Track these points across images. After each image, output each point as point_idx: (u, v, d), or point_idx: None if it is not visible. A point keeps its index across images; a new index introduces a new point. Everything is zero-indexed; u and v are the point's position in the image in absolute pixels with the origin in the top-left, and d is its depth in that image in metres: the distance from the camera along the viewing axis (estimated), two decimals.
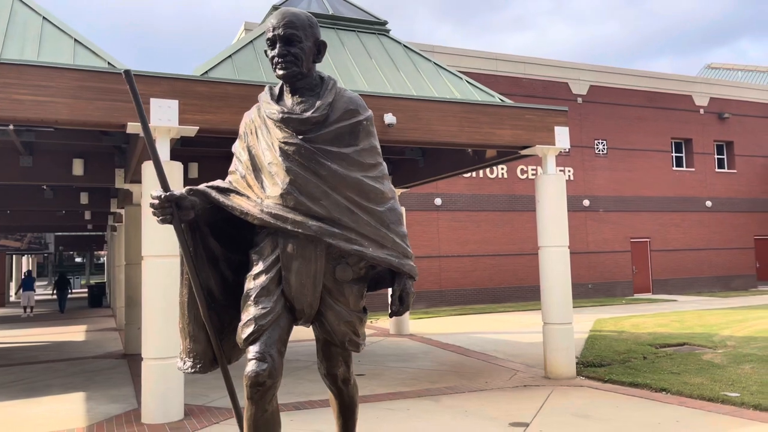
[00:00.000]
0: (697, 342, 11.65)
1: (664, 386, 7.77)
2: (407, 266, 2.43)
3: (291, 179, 2.29)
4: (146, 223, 7.04)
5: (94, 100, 6.72)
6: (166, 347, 6.84)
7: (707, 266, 25.70)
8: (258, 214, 2.28)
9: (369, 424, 6.20)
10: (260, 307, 2.23)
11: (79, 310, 26.10)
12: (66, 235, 34.06)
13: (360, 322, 2.42)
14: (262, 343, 2.16)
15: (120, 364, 10.89)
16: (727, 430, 5.86)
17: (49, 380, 9.51)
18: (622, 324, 14.79)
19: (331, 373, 2.48)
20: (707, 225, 25.81)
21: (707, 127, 26.13)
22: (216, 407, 7.36)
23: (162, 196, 2.26)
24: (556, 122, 9.12)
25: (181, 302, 2.41)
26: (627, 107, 24.49)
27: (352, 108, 2.45)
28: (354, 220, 2.33)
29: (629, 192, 24.35)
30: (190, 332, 2.38)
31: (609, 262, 23.73)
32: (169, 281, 6.91)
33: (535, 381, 8.57)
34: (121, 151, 11.78)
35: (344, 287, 2.37)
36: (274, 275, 2.30)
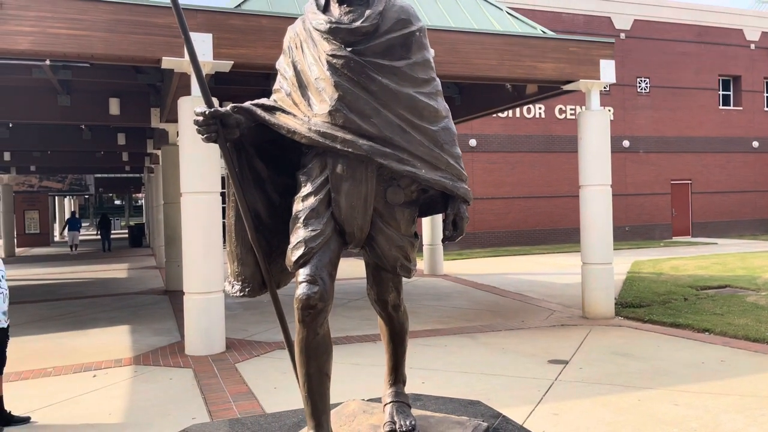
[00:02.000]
0: (740, 284, 11.40)
1: (707, 327, 7.64)
2: (461, 189, 2.31)
3: (340, 95, 2.18)
4: (184, 161, 7.04)
5: (128, 33, 6.63)
6: (207, 282, 6.95)
7: (750, 208, 24.96)
8: (306, 132, 2.19)
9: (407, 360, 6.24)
10: (310, 229, 2.16)
11: (121, 249, 26.85)
12: (105, 177, 34.69)
13: (411, 247, 2.34)
14: (312, 266, 2.10)
15: (162, 300, 11.19)
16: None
17: (95, 314, 9.83)
18: (660, 266, 14.55)
19: (382, 299, 2.42)
20: (752, 166, 24.91)
21: (758, 63, 24.87)
22: (256, 341, 7.51)
23: (206, 112, 2.17)
24: (602, 55, 8.71)
25: (228, 225, 2.35)
26: (672, 42, 23.38)
27: (404, 17, 2.29)
28: (406, 140, 2.22)
29: (672, 132, 23.53)
30: (238, 255, 2.34)
31: (648, 204, 23.20)
32: (208, 218, 6.96)
33: (573, 321, 8.52)
34: (156, 90, 11.75)
35: (395, 210, 2.28)
36: (324, 197, 2.22)
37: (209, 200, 6.98)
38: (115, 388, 5.70)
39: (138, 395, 5.49)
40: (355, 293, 11.13)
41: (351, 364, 6.29)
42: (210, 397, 5.28)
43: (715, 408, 4.73)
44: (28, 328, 8.75)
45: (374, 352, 6.72)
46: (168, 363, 6.57)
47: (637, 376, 5.69)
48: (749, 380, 5.45)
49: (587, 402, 4.96)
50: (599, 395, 5.13)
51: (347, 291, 11.45)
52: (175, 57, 6.80)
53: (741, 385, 5.31)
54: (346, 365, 6.20)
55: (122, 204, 66.70)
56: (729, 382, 5.40)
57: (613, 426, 4.41)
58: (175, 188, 11.54)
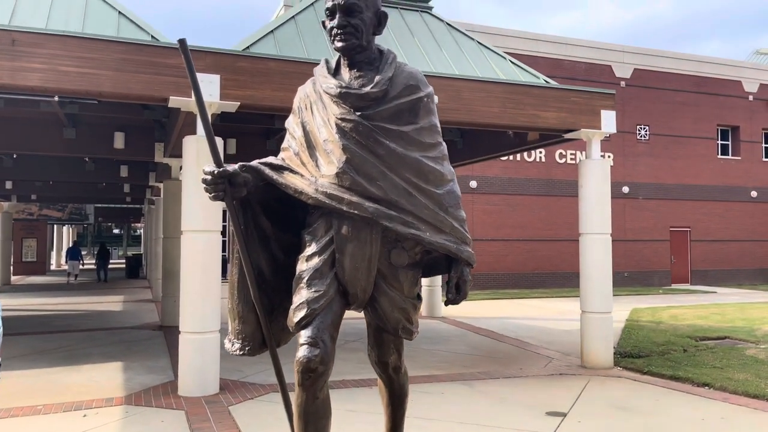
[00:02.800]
0: (739, 336, 11.31)
1: (707, 381, 7.55)
2: (465, 253, 2.32)
3: (347, 158, 2.19)
4: (186, 198, 7.06)
5: (137, 72, 6.71)
6: (203, 321, 6.89)
7: (749, 258, 24.96)
8: (312, 193, 2.20)
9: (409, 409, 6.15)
10: (313, 290, 2.16)
11: (118, 280, 26.69)
12: (105, 207, 34.77)
13: (414, 309, 2.33)
14: (314, 328, 2.08)
15: (156, 336, 11.08)
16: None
17: (88, 348, 9.71)
18: (660, 314, 14.46)
19: (382, 361, 2.39)
20: (752, 215, 25.01)
21: (756, 114, 25.20)
22: (250, 383, 7.41)
23: (215, 172, 2.19)
24: (603, 105, 8.83)
25: (231, 282, 2.34)
26: (672, 92, 23.74)
27: (412, 83, 2.33)
28: (412, 203, 2.23)
29: (671, 180, 23.70)
30: (239, 313, 2.32)
31: (647, 250, 23.21)
32: (208, 256, 6.94)
33: (571, 370, 8.42)
34: (161, 126, 11.85)
35: (399, 272, 2.27)
36: (328, 257, 2.22)
37: (209, 239, 6.97)
38: (105, 429, 5.59)
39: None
40: (352, 334, 11.02)
41: (346, 410, 6.19)
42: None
43: None
44: (21, 362, 8.64)
45: (371, 398, 6.62)
46: (160, 404, 6.47)
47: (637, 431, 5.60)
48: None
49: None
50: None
51: (344, 332, 11.35)
52: (182, 97, 6.88)
53: None
54: (341, 411, 6.09)
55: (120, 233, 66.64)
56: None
57: None
58: (176, 223, 11.54)
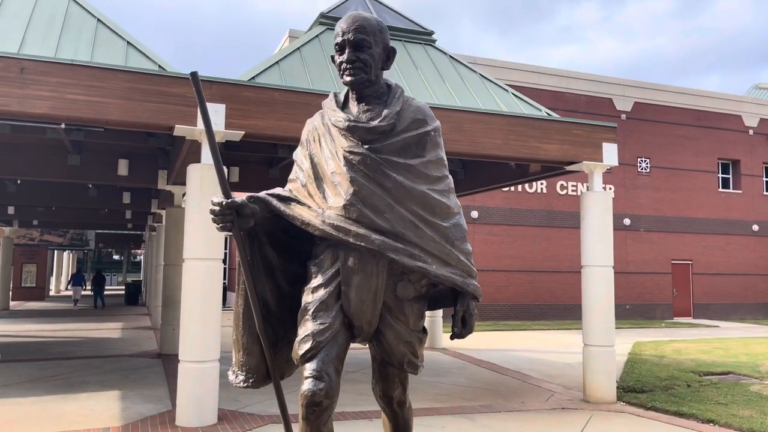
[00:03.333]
0: (743, 371, 11.21)
1: (712, 417, 7.45)
2: (471, 286, 2.32)
3: (355, 190, 2.20)
4: (189, 226, 7.07)
5: (143, 101, 6.79)
6: (202, 350, 6.83)
7: (752, 292, 24.85)
8: (319, 225, 2.20)
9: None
10: (318, 322, 2.15)
11: (116, 307, 26.56)
12: (106, 233, 34.81)
13: (419, 343, 2.32)
14: (319, 361, 2.07)
15: (155, 364, 10.98)
16: None
17: (85, 376, 9.62)
18: (662, 348, 14.35)
19: (387, 395, 2.37)
20: (753, 249, 24.97)
21: (757, 148, 25.35)
22: (249, 413, 7.32)
23: (223, 203, 2.20)
24: (605, 138, 8.89)
25: (236, 313, 2.34)
26: (672, 125, 23.92)
27: (419, 118, 2.36)
28: (418, 235, 2.23)
29: (672, 212, 23.74)
30: (244, 345, 2.30)
31: (649, 283, 23.13)
32: (209, 284, 6.92)
33: (574, 404, 8.32)
34: (165, 153, 11.93)
35: (405, 305, 2.27)
36: (334, 289, 2.22)
37: (211, 267, 6.96)
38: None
39: None
40: (352, 365, 10.92)
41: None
42: None
43: None
44: (17, 389, 8.55)
45: (372, 431, 6.53)
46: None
47: None
48: None
49: None
50: None
51: (345, 362, 11.22)
52: (188, 125, 6.94)
53: None
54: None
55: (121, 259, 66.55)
56: None
57: None
58: (177, 250, 11.53)
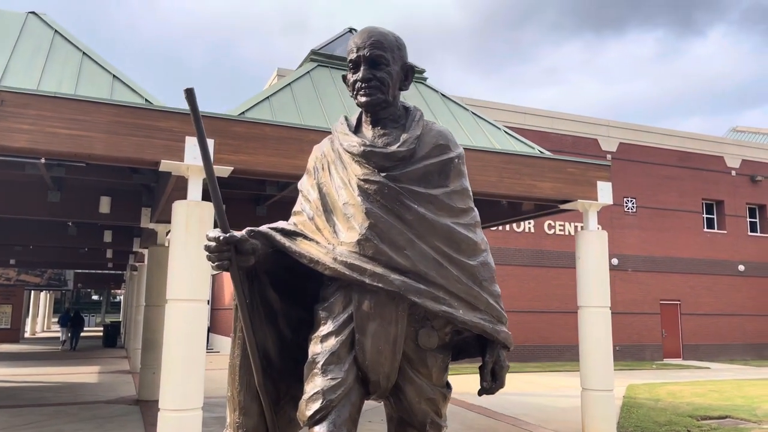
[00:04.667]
0: (740, 415, 10.93)
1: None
2: (502, 334, 2.06)
3: (371, 223, 1.95)
4: (173, 264, 6.75)
5: (128, 135, 6.55)
6: (184, 398, 6.44)
7: (740, 332, 24.72)
8: (330, 263, 1.94)
9: None
10: (329, 377, 1.86)
11: (94, 349, 25.71)
12: (85, 273, 34.00)
13: (443, 400, 2.03)
14: (330, 423, 1.78)
15: (133, 411, 10.44)
16: None
17: (59, 425, 9.08)
18: (657, 392, 14.04)
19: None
20: (740, 289, 24.95)
21: (739, 189, 25.59)
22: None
23: (220, 238, 1.93)
24: (599, 177, 8.78)
25: (232, 365, 2.03)
26: (657, 166, 24.11)
27: (442, 143, 2.12)
28: (443, 275, 1.98)
29: (659, 252, 23.71)
30: (240, 403, 2.00)
31: (637, 323, 22.91)
32: (193, 327, 6.57)
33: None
34: (149, 190, 11.63)
35: (427, 356, 1.99)
36: (346, 338, 1.93)
37: (196, 308, 6.62)
38: None
39: None
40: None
41: None
42: None
43: None
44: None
45: None
46: None
47: None
48: None
49: None
50: None
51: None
52: (174, 160, 6.69)
53: None
54: None
55: (100, 299, 65.14)
56: None
57: None
58: (159, 290, 11.13)
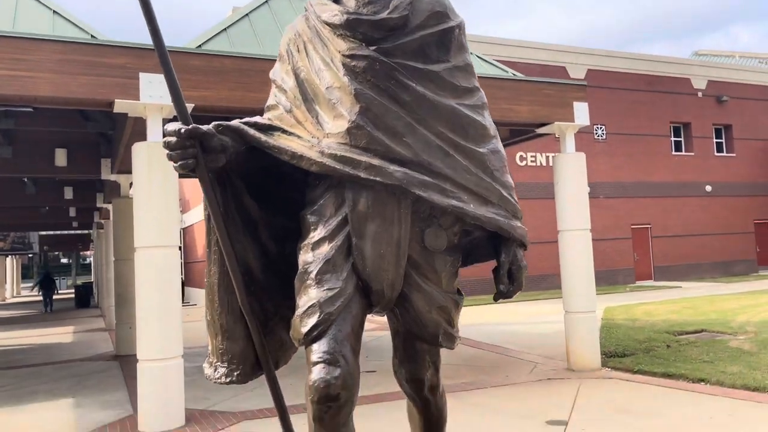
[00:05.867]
0: (716, 329, 11.18)
1: (702, 376, 7.24)
2: (519, 230, 1.79)
3: (362, 107, 1.63)
4: (138, 212, 6.38)
5: (77, 75, 6.05)
6: (162, 347, 6.20)
7: (708, 251, 25.34)
8: (316, 157, 1.62)
9: (392, 427, 5.61)
10: (325, 288, 1.57)
11: (66, 311, 25.25)
12: (50, 235, 33.12)
13: (456, 308, 1.79)
14: (330, 340, 1.50)
15: (111, 367, 10.21)
16: None
17: (34, 386, 8.82)
18: (633, 312, 14.32)
19: (416, 378, 1.84)
20: (707, 210, 25.43)
21: (706, 111, 25.73)
22: (219, 411, 6.73)
23: (182, 131, 1.62)
24: (576, 97, 8.56)
25: (210, 284, 1.72)
26: (625, 91, 24.00)
27: (439, 10, 1.78)
28: (449, 165, 1.68)
29: (629, 178, 23.89)
30: (222, 326, 1.70)
31: (610, 249, 23.26)
32: (165, 274, 6.26)
33: (559, 374, 8.02)
34: (107, 140, 11.07)
35: (436, 260, 1.71)
36: (341, 243, 1.64)
37: (166, 255, 6.30)
38: None
39: None
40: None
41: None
42: None
43: None
44: None
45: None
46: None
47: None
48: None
49: None
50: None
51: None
52: (129, 99, 6.22)
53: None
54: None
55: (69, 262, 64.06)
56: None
57: None
58: (127, 244, 10.73)
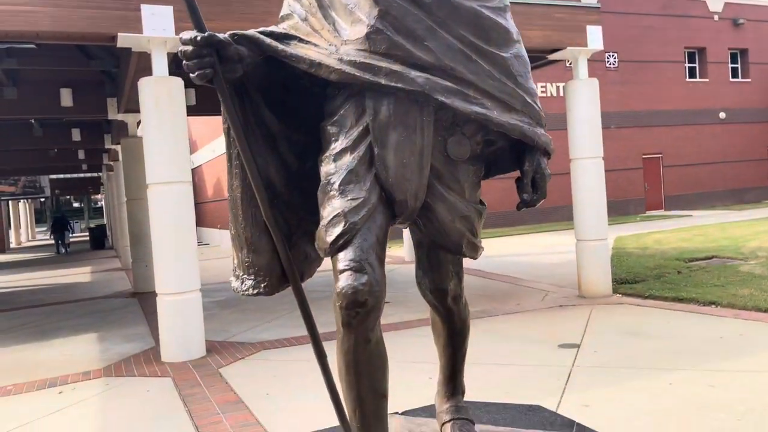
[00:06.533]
0: (727, 254, 11.21)
1: (713, 299, 7.31)
2: (542, 137, 1.77)
3: (380, 11, 1.58)
4: (149, 147, 6.36)
5: (78, 8, 5.92)
6: (180, 281, 6.31)
7: (720, 179, 25.13)
8: (335, 65, 1.58)
9: (410, 353, 5.75)
10: (349, 198, 1.57)
11: (82, 252, 25.68)
12: (61, 178, 33.27)
13: (479, 218, 1.79)
14: (356, 248, 1.52)
15: (131, 303, 10.45)
16: None
17: (58, 322, 9.06)
18: (644, 240, 14.35)
19: (440, 288, 1.88)
20: (720, 137, 25.06)
21: (721, 35, 24.95)
22: (239, 342, 6.91)
23: (198, 38, 1.59)
24: (589, 21, 8.30)
25: (233, 198, 1.72)
26: (638, 16, 23.24)
27: None
28: (472, 71, 1.64)
29: (641, 106, 23.45)
30: (248, 239, 1.71)
31: (621, 179, 23.11)
32: (179, 209, 6.30)
33: (570, 301, 8.13)
34: (111, 78, 10.93)
35: (459, 169, 1.72)
36: (364, 153, 1.62)
37: (179, 191, 6.32)
38: (85, 405, 5.05)
39: (112, 412, 4.86)
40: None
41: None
42: (195, 410, 4.68)
43: (758, 389, 4.33)
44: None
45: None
46: (143, 372, 5.93)
47: (658, 356, 5.29)
48: None
49: (615, 389, 4.53)
50: (626, 381, 4.70)
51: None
52: (132, 32, 6.10)
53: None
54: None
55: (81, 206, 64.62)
56: (759, 359, 5.03)
57: (654, 416, 3.97)
58: (139, 183, 10.77)
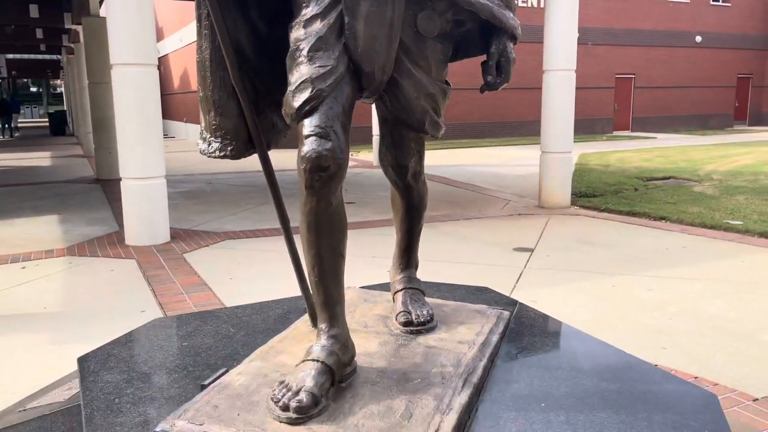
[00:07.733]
0: (684, 176, 11.61)
1: (663, 215, 7.65)
2: (511, 20, 1.80)
3: None
4: (113, 27, 6.12)
5: None
6: (145, 166, 6.28)
7: (687, 104, 25.44)
8: None
9: (370, 249, 5.94)
10: (317, 64, 1.56)
11: (41, 137, 24.96)
12: (18, 59, 31.73)
13: (443, 97, 1.84)
14: (322, 115, 1.52)
15: (94, 189, 10.36)
16: (737, 256, 5.76)
17: (18, 203, 8.98)
18: (607, 158, 14.68)
19: (401, 165, 1.95)
20: (694, 61, 25.12)
21: None
22: (203, 231, 7.00)
23: None
24: None
25: (201, 60, 1.71)
26: None
27: None
28: None
29: (619, 24, 23.18)
30: (216, 102, 1.72)
31: (591, 98, 23.20)
32: (144, 92, 6.17)
33: (529, 210, 8.39)
34: None
35: (427, 45, 1.72)
36: (333, 22, 1.60)
37: (145, 73, 6.16)
38: (48, 281, 5.14)
39: (76, 287, 4.96)
40: None
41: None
42: (159, 289, 4.82)
43: (689, 293, 4.66)
44: None
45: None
46: (107, 254, 6.01)
47: (606, 262, 5.59)
48: (716, 266, 5.44)
49: (562, 288, 4.81)
50: (572, 282, 4.99)
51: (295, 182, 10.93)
52: None
53: (710, 270, 5.29)
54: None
55: (39, 91, 62.12)
56: (697, 268, 5.36)
57: (594, 313, 4.27)
58: (102, 66, 10.40)
